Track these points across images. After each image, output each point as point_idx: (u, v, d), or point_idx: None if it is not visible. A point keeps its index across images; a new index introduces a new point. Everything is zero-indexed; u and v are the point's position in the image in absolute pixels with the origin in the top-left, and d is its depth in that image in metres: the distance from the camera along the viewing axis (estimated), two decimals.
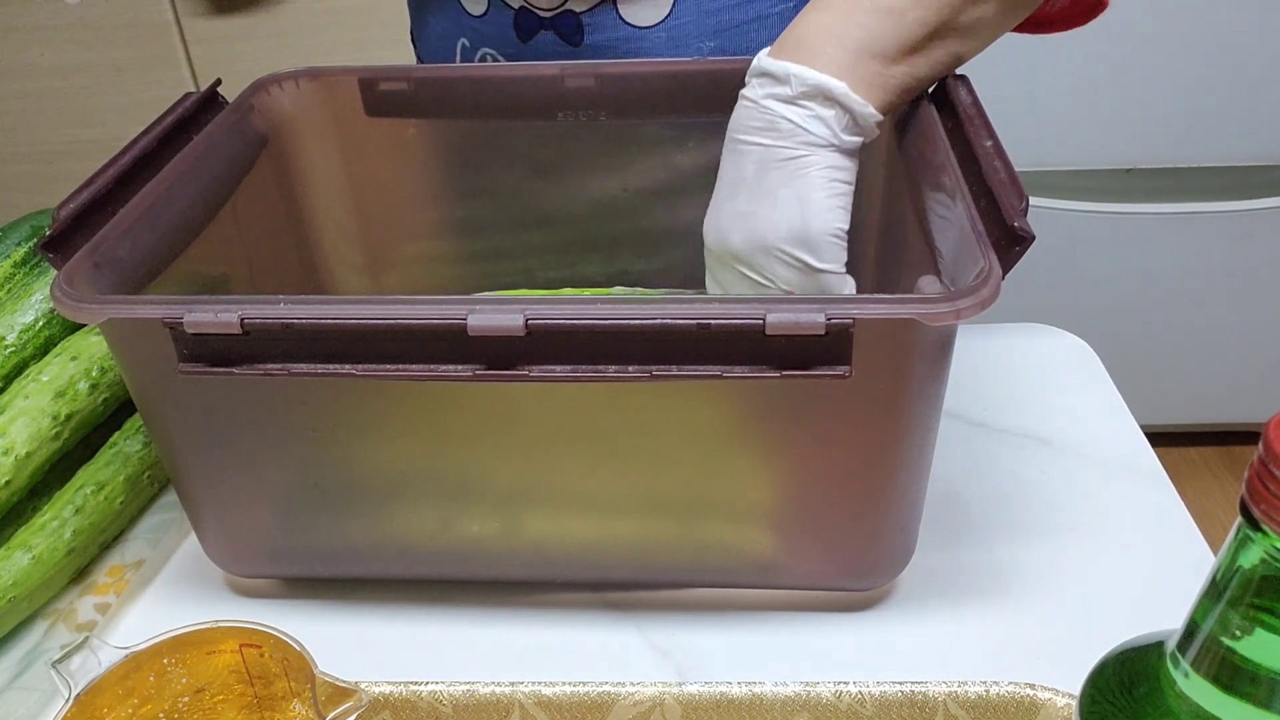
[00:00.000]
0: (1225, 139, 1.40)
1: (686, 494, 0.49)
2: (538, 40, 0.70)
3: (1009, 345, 0.72)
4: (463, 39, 0.72)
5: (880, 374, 0.43)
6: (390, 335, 0.43)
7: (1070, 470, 0.61)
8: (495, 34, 0.71)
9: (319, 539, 0.53)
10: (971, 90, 0.55)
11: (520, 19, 0.69)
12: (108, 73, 1.59)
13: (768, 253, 0.51)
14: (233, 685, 0.45)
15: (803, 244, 0.50)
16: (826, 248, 0.50)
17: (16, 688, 0.50)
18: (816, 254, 0.50)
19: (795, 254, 0.50)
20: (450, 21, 0.73)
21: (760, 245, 0.51)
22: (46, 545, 0.53)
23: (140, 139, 0.54)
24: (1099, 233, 1.47)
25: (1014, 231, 0.42)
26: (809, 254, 0.50)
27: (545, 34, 0.70)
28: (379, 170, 0.68)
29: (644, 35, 0.68)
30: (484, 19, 0.71)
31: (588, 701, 0.46)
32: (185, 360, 0.44)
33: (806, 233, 0.50)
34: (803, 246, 0.50)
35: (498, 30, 0.70)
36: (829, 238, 0.50)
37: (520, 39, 0.70)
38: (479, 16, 0.71)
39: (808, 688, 0.47)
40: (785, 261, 0.51)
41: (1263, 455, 0.27)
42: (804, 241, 0.50)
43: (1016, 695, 0.45)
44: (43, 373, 0.56)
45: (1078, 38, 0.63)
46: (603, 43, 0.69)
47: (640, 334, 0.42)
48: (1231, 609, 0.29)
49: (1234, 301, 1.52)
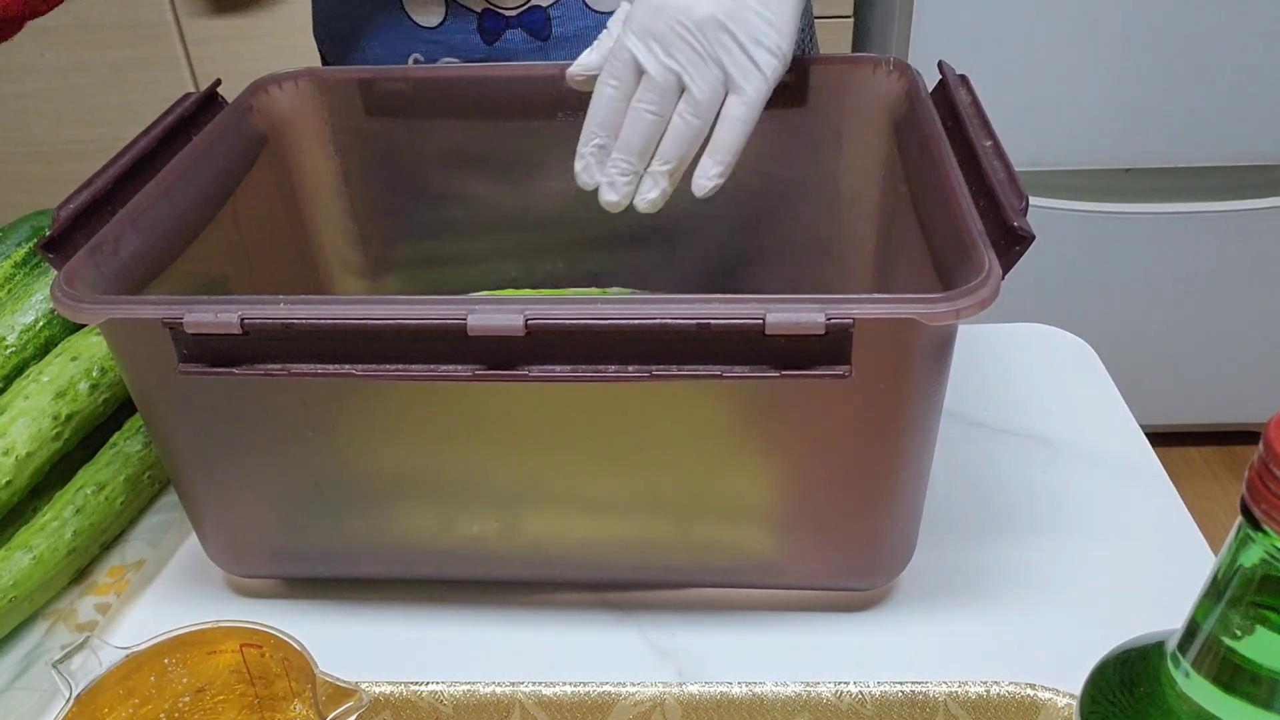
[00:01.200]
0: (1225, 139, 1.40)
1: (686, 494, 0.49)
2: (505, 40, 0.70)
3: (1009, 345, 0.72)
4: (415, 54, 0.71)
5: (880, 374, 0.43)
6: (390, 335, 0.43)
7: (1070, 470, 0.61)
8: (457, 41, 0.70)
9: (319, 539, 0.53)
10: (971, 90, 0.55)
11: (485, 22, 0.69)
12: (108, 73, 1.59)
13: (728, 32, 0.50)
14: (233, 685, 0.45)
15: (768, 46, 0.51)
16: (777, 69, 0.51)
17: (17, 688, 0.50)
18: (771, 66, 0.51)
19: (750, 49, 0.51)
20: (397, 39, 0.72)
21: (739, 24, 0.50)
22: (47, 545, 0.53)
23: (140, 139, 0.54)
24: (1099, 233, 1.47)
25: (1014, 231, 0.42)
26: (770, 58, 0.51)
27: (513, 33, 0.69)
28: (379, 170, 0.68)
29: (609, 20, 0.69)
30: (441, 29, 0.70)
31: (588, 701, 0.46)
32: (185, 360, 0.44)
33: (780, 38, 0.51)
34: (765, 49, 0.51)
35: (459, 37, 0.70)
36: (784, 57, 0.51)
37: (486, 42, 0.70)
38: (435, 28, 0.70)
39: (808, 688, 0.47)
40: (736, 48, 0.51)
41: (1263, 455, 0.27)
42: (773, 45, 0.51)
43: (1016, 695, 0.45)
44: (43, 373, 0.56)
45: (1078, 38, 0.63)
46: (571, 33, 0.69)
47: (640, 334, 0.42)
48: (1232, 609, 0.29)
49: (1234, 301, 1.52)
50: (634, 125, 0.52)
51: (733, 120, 0.52)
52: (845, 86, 0.62)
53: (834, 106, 0.62)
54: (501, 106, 0.65)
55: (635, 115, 0.52)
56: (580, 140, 0.53)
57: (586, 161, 0.53)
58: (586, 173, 0.53)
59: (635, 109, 0.52)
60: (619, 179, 0.53)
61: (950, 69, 0.56)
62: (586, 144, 0.53)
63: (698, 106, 0.51)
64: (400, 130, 0.66)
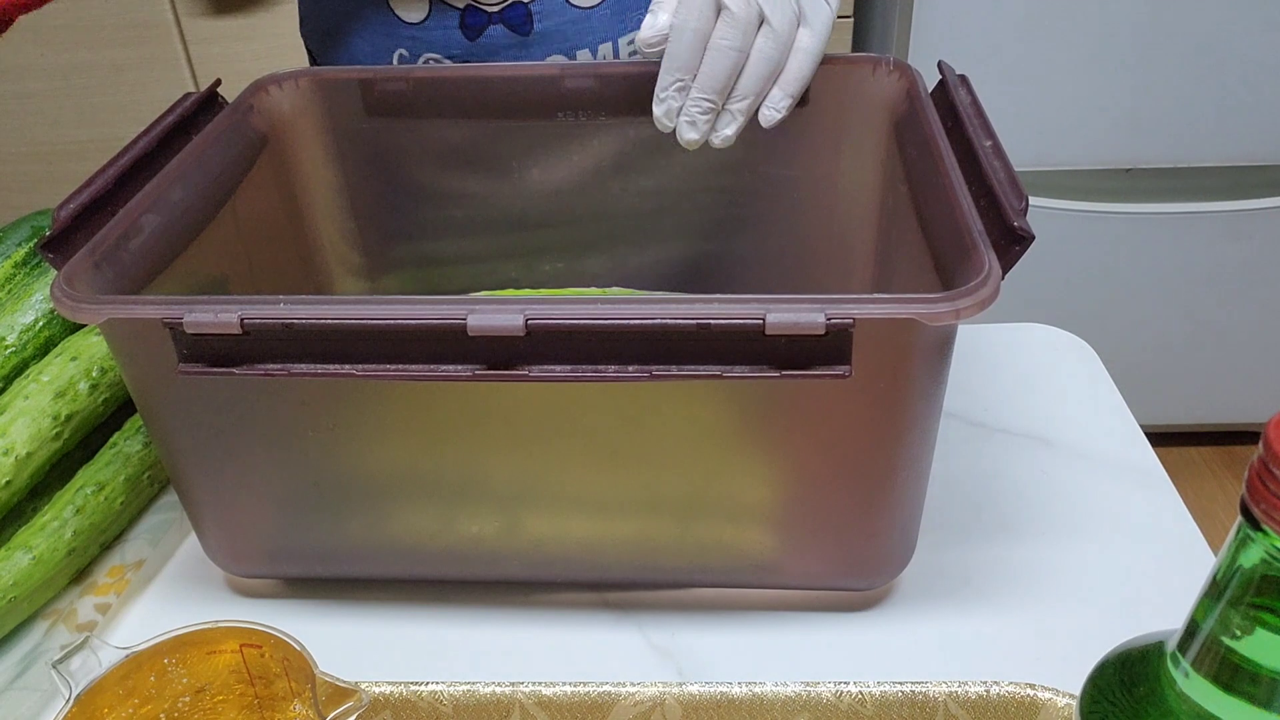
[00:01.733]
0: (1225, 139, 1.40)
1: (686, 494, 0.49)
2: (487, 36, 0.70)
3: (1009, 345, 0.72)
4: (400, 50, 0.72)
5: (880, 374, 0.43)
6: (390, 335, 0.43)
7: (1070, 470, 0.61)
8: (439, 38, 0.70)
9: (319, 539, 0.53)
10: (971, 90, 0.55)
11: (467, 18, 0.69)
12: (108, 73, 1.59)
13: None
14: (233, 685, 0.45)
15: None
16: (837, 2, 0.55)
17: (17, 688, 0.50)
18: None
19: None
20: (381, 35, 0.72)
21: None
22: (47, 545, 0.53)
23: (140, 139, 0.54)
24: (1099, 233, 1.47)
25: (1014, 231, 0.42)
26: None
27: (495, 29, 0.70)
28: (379, 170, 0.68)
29: (589, 15, 0.69)
30: (424, 25, 0.70)
31: (588, 701, 0.46)
32: (185, 360, 0.44)
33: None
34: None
35: (441, 34, 0.70)
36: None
37: (468, 38, 0.70)
38: (418, 24, 0.70)
39: (808, 688, 0.47)
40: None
41: (1263, 455, 0.27)
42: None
43: (1016, 695, 0.45)
44: (43, 373, 0.56)
45: (1077, 38, 0.63)
46: (552, 29, 0.69)
47: (640, 334, 0.42)
48: (1232, 609, 0.29)
49: (1234, 301, 1.52)
50: (716, 61, 0.53)
51: (804, 52, 0.54)
52: (845, 86, 0.62)
53: (834, 106, 0.62)
54: (502, 106, 0.65)
55: (717, 51, 0.53)
56: (659, 85, 0.54)
57: (668, 105, 0.54)
58: (668, 116, 0.55)
59: (717, 45, 0.53)
60: (700, 117, 0.54)
61: (950, 69, 0.56)
62: (667, 87, 0.54)
63: (778, 38, 0.53)
64: (400, 130, 0.66)
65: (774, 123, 0.55)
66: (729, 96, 0.54)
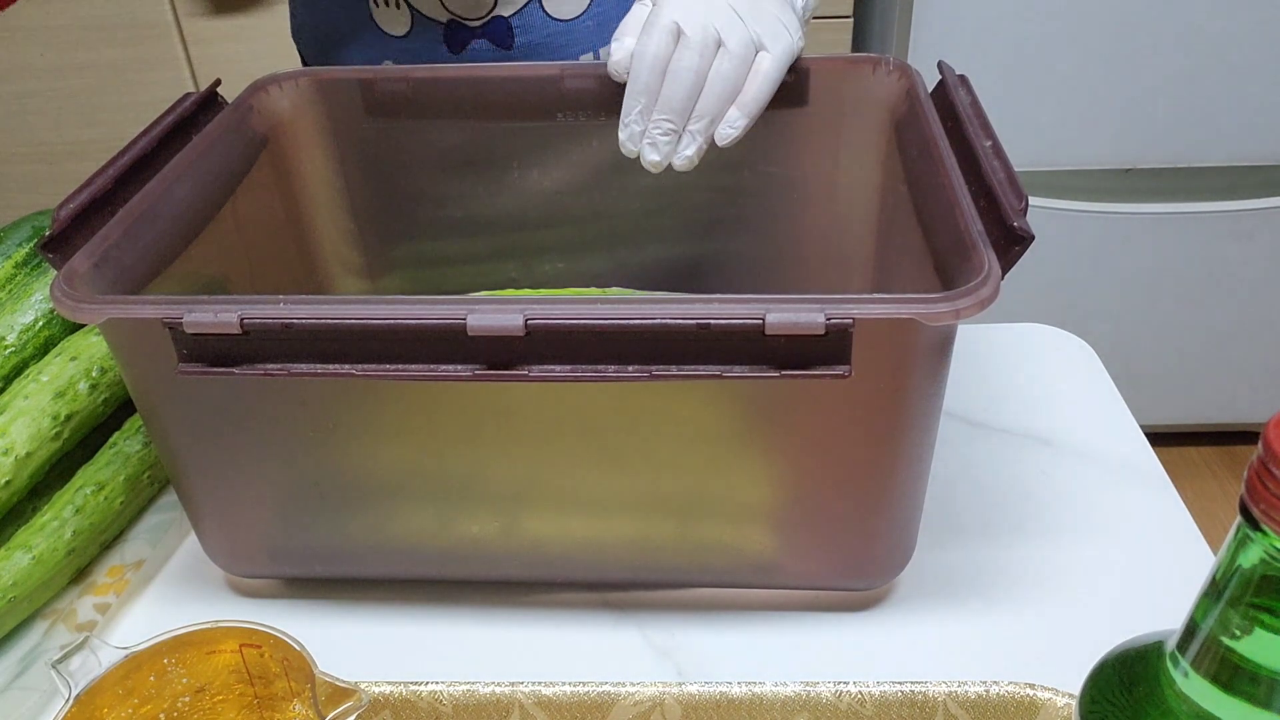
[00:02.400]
0: (1225, 139, 1.40)
1: (686, 494, 0.49)
2: (470, 50, 0.71)
3: (1009, 345, 0.72)
4: (387, 61, 0.73)
5: (880, 374, 0.43)
6: (390, 335, 0.43)
7: (1070, 470, 0.61)
8: (423, 51, 0.71)
9: (319, 539, 0.53)
10: (971, 90, 0.55)
11: (450, 33, 0.70)
12: (108, 73, 1.59)
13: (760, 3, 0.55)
14: (233, 685, 0.45)
15: (795, 8, 0.57)
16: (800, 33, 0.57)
17: (16, 688, 0.50)
18: (797, 29, 0.57)
19: (781, 14, 0.55)
20: (371, 48, 0.73)
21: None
22: (46, 545, 0.53)
23: (140, 139, 0.54)
24: (1099, 233, 1.47)
25: (1014, 231, 0.42)
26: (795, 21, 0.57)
27: (478, 43, 0.70)
28: (378, 170, 0.68)
29: (571, 28, 0.70)
30: (408, 39, 0.71)
31: (588, 701, 0.46)
32: (185, 360, 0.44)
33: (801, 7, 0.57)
34: (792, 11, 0.57)
35: (426, 47, 0.71)
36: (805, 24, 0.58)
37: (452, 51, 0.71)
38: (402, 37, 0.71)
39: (808, 688, 0.47)
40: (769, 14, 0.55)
41: (1263, 455, 0.27)
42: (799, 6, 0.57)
43: (1016, 695, 0.45)
44: (43, 373, 0.56)
45: (1078, 38, 0.63)
46: (534, 42, 0.70)
47: (640, 334, 0.42)
48: (1231, 609, 0.29)
49: (1234, 301, 1.52)
50: (675, 83, 0.54)
51: (763, 75, 0.55)
52: (845, 86, 0.62)
53: (834, 106, 0.62)
54: (501, 106, 0.65)
55: (676, 74, 0.54)
56: (624, 111, 0.55)
57: (632, 130, 0.55)
58: (633, 140, 0.56)
59: (675, 69, 0.54)
60: (661, 139, 0.55)
61: (950, 69, 0.56)
62: (630, 111, 0.55)
63: (735, 60, 0.54)
64: (400, 130, 0.66)
65: (729, 141, 0.55)
66: (689, 118, 0.55)
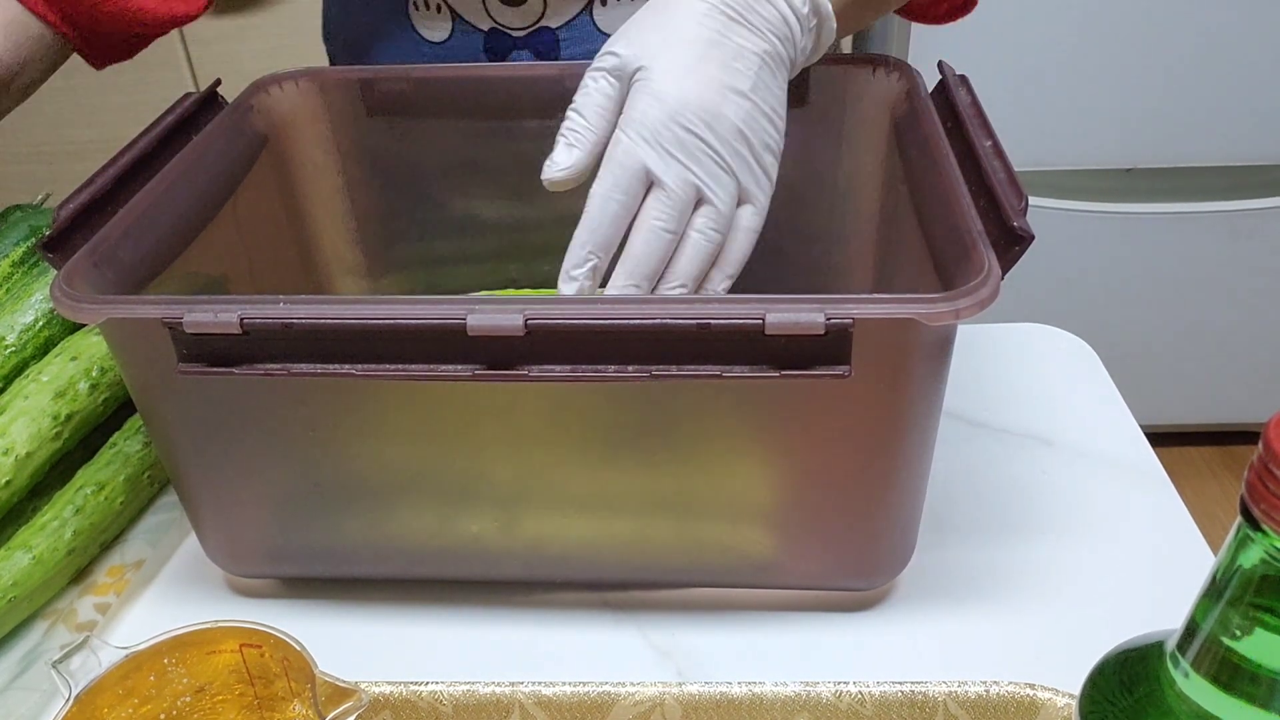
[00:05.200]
0: (1225, 139, 1.40)
1: (686, 494, 0.49)
2: (511, 60, 0.69)
3: (1009, 345, 0.72)
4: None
5: (880, 374, 0.43)
6: (390, 335, 0.43)
7: (1070, 470, 0.61)
8: (462, 59, 0.70)
9: (319, 539, 0.53)
10: (971, 90, 0.55)
11: (491, 41, 0.69)
12: (108, 73, 1.58)
13: (745, 140, 0.47)
14: (233, 685, 0.45)
15: (772, 148, 0.48)
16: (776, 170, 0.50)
17: (16, 688, 0.50)
18: (774, 169, 0.49)
19: (760, 155, 0.47)
20: (403, 53, 0.71)
21: (754, 129, 0.47)
22: (47, 545, 0.53)
23: (140, 139, 0.54)
24: (1099, 233, 1.47)
25: (1014, 231, 0.42)
26: (773, 160, 0.49)
27: (519, 54, 0.69)
28: (378, 170, 0.68)
29: None
30: (446, 45, 0.70)
31: (588, 701, 0.46)
32: (185, 360, 0.44)
33: (779, 133, 0.48)
34: (770, 151, 0.48)
35: (466, 55, 0.69)
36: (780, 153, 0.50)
37: (491, 61, 0.69)
38: (441, 43, 0.70)
39: (808, 688, 0.47)
40: (750, 156, 0.47)
41: (1263, 455, 0.27)
42: (775, 145, 0.48)
43: (1016, 695, 0.45)
44: (43, 373, 0.56)
45: (1078, 38, 0.63)
46: (580, 55, 0.68)
47: (640, 334, 0.42)
48: (1231, 609, 0.29)
49: (1234, 301, 1.52)
50: (649, 244, 0.46)
51: (745, 231, 0.49)
52: (845, 86, 0.62)
53: (834, 106, 0.62)
54: (502, 106, 0.65)
55: (650, 233, 0.46)
56: (569, 260, 0.47)
57: (579, 286, 0.47)
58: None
59: (650, 225, 0.46)
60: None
61: (950, 69, 0.56)
62: (580, 265, 0.47)
63: (720, 220, 0.47)
64: (401, 130, 0.66)
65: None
66: (660, 279, 0.47)
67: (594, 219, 0.47)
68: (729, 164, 0.47)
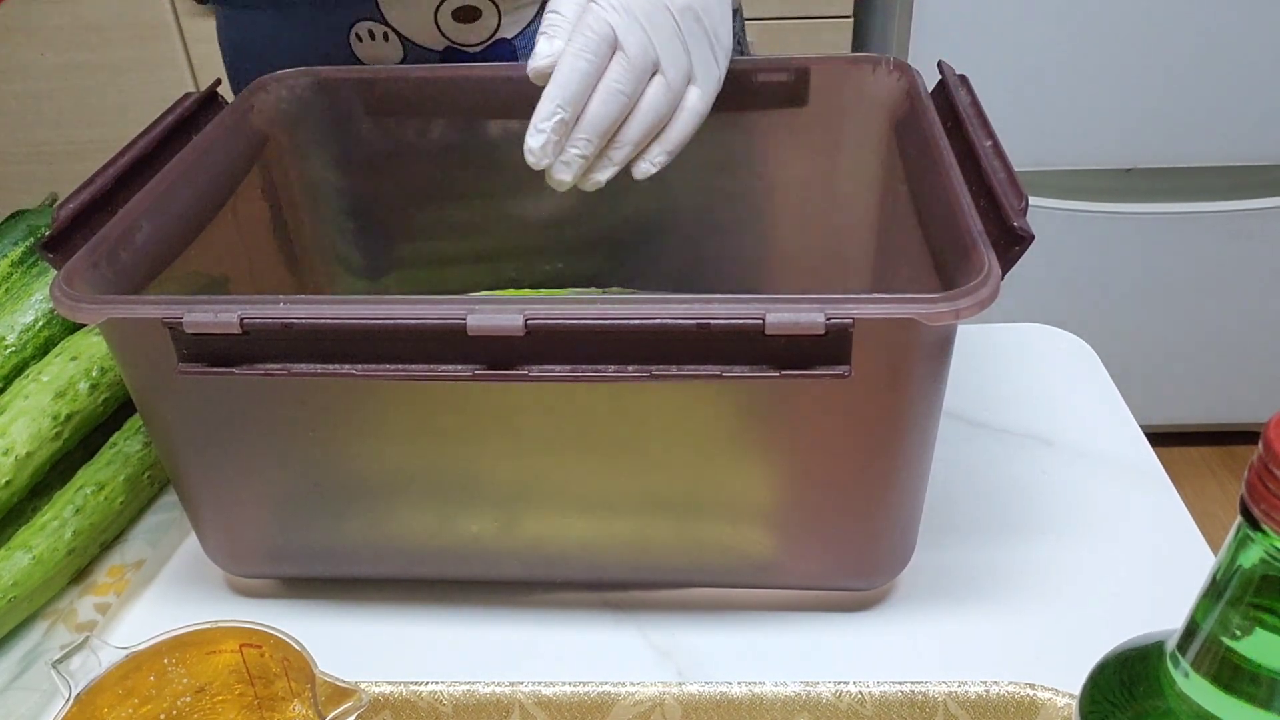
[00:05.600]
0: (1225, 139, 1.40)
1: (686, 494, 0.49)
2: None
3: (1009, 345, 0.72)
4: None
5: (880, 374, 0.43)
6: (390, 335, 0.43)
7: (1070, 470, 0.61)
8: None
9: (318, 539, 0.53)
10: (971, 90, 0.55)
11: (447, 61, 0.68)
12: (108, 73, 1.59)
13: (701, 24, 0.51)
14: (233, 685, 0.45)
15: (724, 45, 0.52)
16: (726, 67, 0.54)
17: (16, 688, 0.50)
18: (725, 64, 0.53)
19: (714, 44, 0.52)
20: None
21: (711, 18, 0.51)
22: (47, 545, 0.53)
23: (140, 139, 0.54)
24: (1099, 233, 1.47)
25: (1014, 231, 0.42)
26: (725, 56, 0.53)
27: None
28: (378, 170, 0.68)
29: None
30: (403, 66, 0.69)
31: (588, 701, 0.46)
32: (185, 360, 0.44)
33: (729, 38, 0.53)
34: (722, 46, 0.52)
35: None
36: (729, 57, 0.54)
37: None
38: (398, 64, 0.70)
39: (808, 688, 0.47)
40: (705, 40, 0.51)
41: (1263, 455, 0.27)
42: (727, 43, 0.53)
43: (1016, 695, 0.45)
44: (43, 373, 0.56)
45: (1078, 38, 0.63)
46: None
47: (640, 334, 0.42)
48: (1231, 609, 0.29)
49: (1234, 301, 1.52)
50: (605, 104, 0.50)
51: (690, 112, 0.52)
52: (845, 86, 0.62)
53: (834, 106, 0.62)
54: (502, 106, 0.65)
55: (609, 94, 0.50)
56: (537, 114, 0.49)
57: (546, 138, 0.49)
58: (545, 151, 0.49)
59: (609, 87, 0.50)
60: (577, 159, 0.50)
61: (950, 69, 0.56)
62: (548, 118, 0.49)
63: (670, 91, 0.51)
64: (400, 130, 0.66)
65: (645, 176, 0.52)
66: (609, 142, 0.51)
67: (563, 75, 0.49)
68: (686, 43, 0.51)
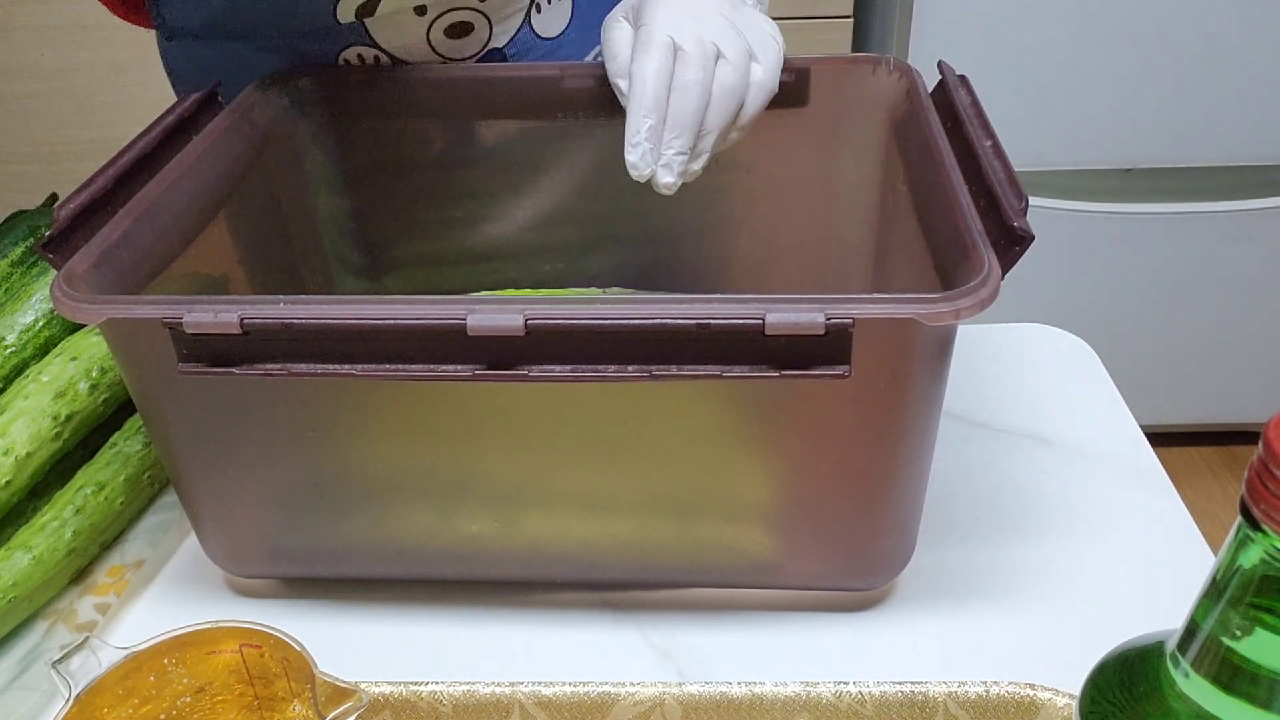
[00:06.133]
0: (1225, 139, 1.40)
1: (686, 494, 0.49)
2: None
3: (1009, 345, 0.72)
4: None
5: (880, 374, 0.43)
6: (390, 335, 0.43)
7: (1070, 470, 0.61)
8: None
9: (319, 539, 0.53)
10: (971, 90, 0.55)
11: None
12: (108, 73, 1.59)
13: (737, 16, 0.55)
14: (233, 685, 0.45)
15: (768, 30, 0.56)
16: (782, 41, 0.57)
17: (17, 688, 0.50)
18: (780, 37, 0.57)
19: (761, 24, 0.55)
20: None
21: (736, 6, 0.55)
22: (47, 545, 0.53)
23: (140, 139, 0.54)
24: (1099, 233, 1.47)
25: (1014, 231, 0.42)
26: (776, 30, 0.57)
27: None
28: (379, 170, 0.68)
29: (559, 43, 0.69)
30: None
31: (588, 701, 0.46)
32: (185, 360, 0.44)
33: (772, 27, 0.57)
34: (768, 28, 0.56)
35: None
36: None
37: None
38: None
39: (808, 688, 0.47)
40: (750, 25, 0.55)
41: (1263, 455, 0.27)
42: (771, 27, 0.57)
43: (1016, 695, 0.45)
44: (43, 373, 0.56)
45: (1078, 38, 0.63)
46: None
47: (640, 334, 0.42)
48: (1231, 609, 0.29)
49: (1234, 301, 1.52)
50: (686, 99, 0.52)
51: (758, 86, 0.54)
52: (845, 86, 0.62)
53: (834, 106, 0.62)
54: (502, 106, 0.65)
55: (685, 89, 0.52)
56: (629, 130, 0.52)
57: (644, 149, 0.52)
58: (644, 161, 0.52)
59: (683, 83, 0.52)
60: (675, 159, 0.52)
61: (950, 69, 0.56)
62: (640, 130, 0.52)
63: (737, 69, 0.53)
64: (400, 130, 0.66)
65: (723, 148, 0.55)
66: (698, 134, 0.53)
67: (639, 87, 0.52)
68: (737, 27, 0.54)
